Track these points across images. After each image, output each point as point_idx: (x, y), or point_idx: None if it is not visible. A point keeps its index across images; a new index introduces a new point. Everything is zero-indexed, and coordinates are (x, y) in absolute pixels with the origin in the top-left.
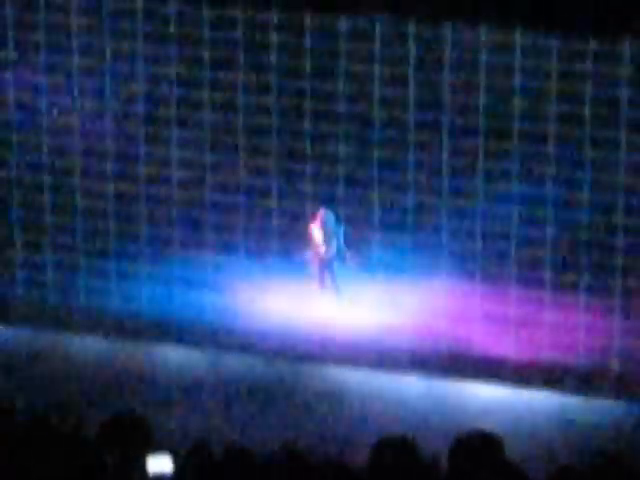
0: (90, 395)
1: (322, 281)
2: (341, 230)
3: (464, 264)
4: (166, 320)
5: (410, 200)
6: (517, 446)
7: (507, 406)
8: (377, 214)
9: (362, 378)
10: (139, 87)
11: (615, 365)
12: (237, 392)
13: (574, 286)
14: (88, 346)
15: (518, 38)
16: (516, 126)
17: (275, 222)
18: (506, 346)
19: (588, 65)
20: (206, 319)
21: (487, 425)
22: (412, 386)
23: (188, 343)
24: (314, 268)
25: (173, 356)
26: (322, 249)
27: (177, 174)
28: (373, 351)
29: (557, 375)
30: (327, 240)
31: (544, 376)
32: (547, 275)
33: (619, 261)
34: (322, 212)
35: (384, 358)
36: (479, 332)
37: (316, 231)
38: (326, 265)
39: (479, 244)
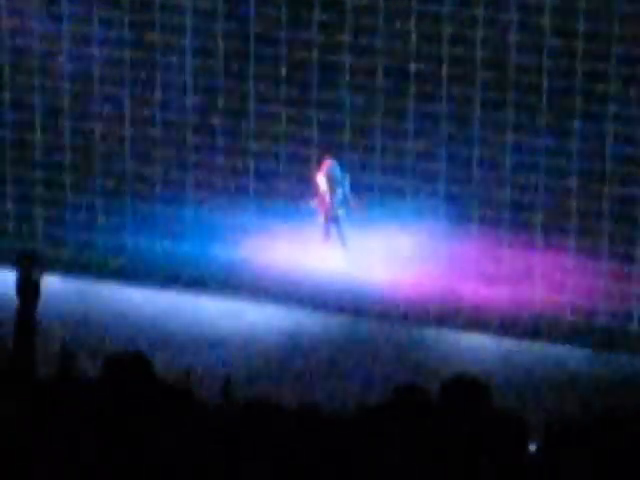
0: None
1: (327, 230)
2: (347, 179)
3: (462, 210)
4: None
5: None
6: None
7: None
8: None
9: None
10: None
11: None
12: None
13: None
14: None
15: None
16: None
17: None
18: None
19: None
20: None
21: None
22: (405, 334)
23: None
24: (320, 217)
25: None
26: (327, 198)
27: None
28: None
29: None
30: (332, 189)
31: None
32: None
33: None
34: (327, 161)
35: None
36: (474, 281)
37: (321, 180)
38: (332, 213)
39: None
